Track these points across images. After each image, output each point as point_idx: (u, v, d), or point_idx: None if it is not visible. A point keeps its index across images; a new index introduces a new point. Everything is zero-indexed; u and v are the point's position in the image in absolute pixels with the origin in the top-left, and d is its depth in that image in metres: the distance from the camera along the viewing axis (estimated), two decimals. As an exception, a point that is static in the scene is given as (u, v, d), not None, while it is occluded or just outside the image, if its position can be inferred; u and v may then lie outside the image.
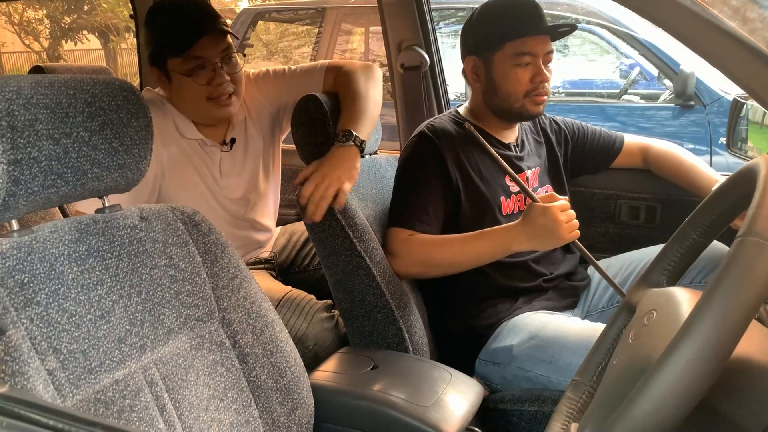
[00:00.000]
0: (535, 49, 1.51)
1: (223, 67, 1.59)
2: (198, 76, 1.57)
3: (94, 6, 12.93)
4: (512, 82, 1.54)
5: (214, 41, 1.57)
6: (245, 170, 1.76)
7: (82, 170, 0.86)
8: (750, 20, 1.08)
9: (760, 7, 1.12)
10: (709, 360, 0.50)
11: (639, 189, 1.89)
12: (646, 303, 0.76)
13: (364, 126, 1.46)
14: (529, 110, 1.56)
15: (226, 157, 1.71)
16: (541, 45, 1.51)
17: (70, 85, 0.85)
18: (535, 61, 1.51)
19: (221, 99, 1.60)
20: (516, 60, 1.52)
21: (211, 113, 1.62)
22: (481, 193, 1.53)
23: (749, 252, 0.52)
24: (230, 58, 1.61)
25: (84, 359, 0.82)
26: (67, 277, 0.84)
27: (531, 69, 1.52)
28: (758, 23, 1.07)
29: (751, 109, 1.85)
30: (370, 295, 1.38)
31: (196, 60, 1.56)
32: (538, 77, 1.52)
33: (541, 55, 1.52)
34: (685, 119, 3.53)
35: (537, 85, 1.52)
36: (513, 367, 1.43)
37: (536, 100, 1.54)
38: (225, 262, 1.06)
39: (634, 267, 1.64)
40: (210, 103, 1.60)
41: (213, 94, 1.59)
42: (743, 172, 0.68)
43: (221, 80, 1.58)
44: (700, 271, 1.50)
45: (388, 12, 2.06)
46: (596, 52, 4.43)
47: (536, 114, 1.58)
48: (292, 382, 1.09)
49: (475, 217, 1.53)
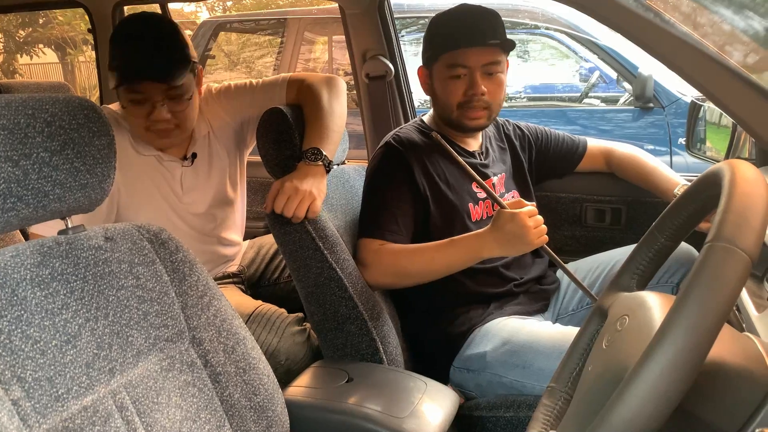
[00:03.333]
0: (469, 62, 1.51)
1: (165, 105, 1.53)
2: (135, 108, 1.53)
3: (49, 19, 12.66)
4: (447, 93, 1.55)
5: (157, 84, 1.50)
6: (210, 185, 1.73)
7: (43, 192, 0.83)
8: (701, 25, 1.11)
9: (711, 13, 1.15)
10: (684, 365, 0.50)
11: (604, 192, 1.92)
12: (618, 308, 0.77)
13: (331, 142, 1.45)
14: (464, 123, 1.56)
15: (188, 172, 1.69)
16: (476, 57, 1.50)
17: (29, 104, 0.82)
18: (470, 74, 1.52)
19: (159, 131, 1.56)
20: (450, 72, 1.53)
21: (152, 142, 1.60)
22: (449, 200, 1.54)
23: (718, 257, 0.53)
24: (180, 97, 1.55)
25: (50, 386, 0.80)
26: (31, 303, 0.81)
27: (464, 81, 1.53)
28: (708, 28, 1.11)
29: (708, 110, 1.89)
30: (342, 306, 1.37)
31: (135, 94, 1.51)
32: (470, 90, 1.52)
33: (477, 67, 1.51)
34: (644, 121, 3.61)
35: (470, 97, 1.53)
36: (487, 373, 1.44)
37: (468, 114, 1.54)
38: (193, 280, 1.04)
39: (602, 269, 1.66)
40: (149, 133, 1.56)
41: (152, 128, 1.55)
42: (707, 176, 0.69)
43: (159, 117, 1.53)
44: (666, 271, 1.53)
45: (351, 22, 2.07)
46: (556, 56, 4.50)
47: (473, 127, 1.57)
48: (266, 400, 1.07)
49: (444, 224, 1.53)
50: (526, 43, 4.68)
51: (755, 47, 1.02)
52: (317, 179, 1.37)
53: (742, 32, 1.04)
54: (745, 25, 1.05)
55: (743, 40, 1.03)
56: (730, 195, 0.57)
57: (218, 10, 13.76)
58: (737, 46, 1.02)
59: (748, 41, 1.03)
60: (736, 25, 1.04)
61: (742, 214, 0.55)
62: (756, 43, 1.02)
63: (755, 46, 1.03)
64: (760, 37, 1.02)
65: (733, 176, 0.60)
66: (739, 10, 1.08)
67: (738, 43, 1.02)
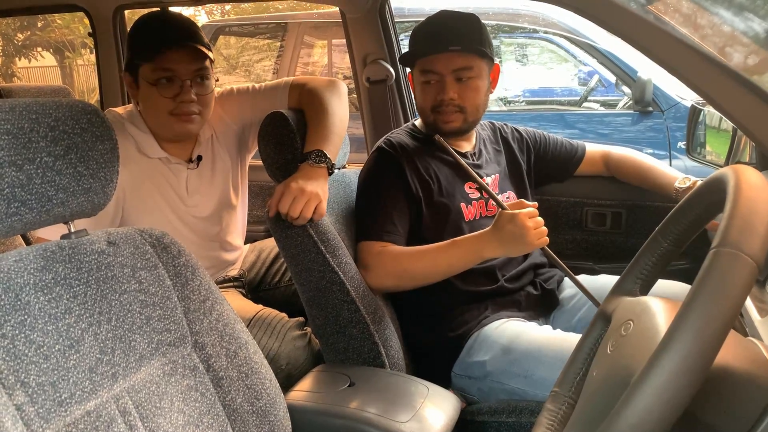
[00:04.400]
0: (437, 68, 1.54)
1: (193, 87, 1.56)
2: (163, 87, 1.55)
3: (48, 22, 12.66)
4: (421, 98, 1.60)
5: (187, 57, 1.54)
6: (213, 189, 1.73)
7: (46, 196, 0.83)
8: (701, 27, 1.11)
9: (710, 15, 1.15)
10: (691, 371, 0.50)
11: (604, 195, 1.92)
12: (622, 312, 0.77)
13: (333, 145, 1.45)
14: (440, 126, 1.59)
15: (193, 175, 1.69)
16: (445, 63, 1.53)
17: (32, 109, 0.82)
18: (440, 79, 1.54)
19: (182, 116, 1.57)
20: (423, 77, 1.57)
21: (171, 128, 1.60)
22: (442, 202, 1.55)
23: (724, 263, 0.53)
24: (203, 80, 1.59)
25: (53, 391, 0.79)
26: (34, 307, 0.81)
27: (435, 87, 1.56)
28: (708, 30, 1.11)
29: (708, 114, 1.90)
30: (344, 310, 1.37)
31: (165, 71, 1.54)
32: (439, 95, 1.55)
33: (448, 72, 1.53)
34: (643, 125, 3.62)
35: (440, 102, 1.55)
36: (489, 381, 1.44)
37: (442, 118, 1.57)
38: (196, 284, 1.04)
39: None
40: (172, 117, 1.57)
41: (176, 111, 1.56)
42: (711, 181, 0.69)
43: (187, 98, 1.56)
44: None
45: (352, 27, 2.07)
46: (555, 60, 4.51)
47: (448, 130, 1.59)
48: (269, 404, 1.07)
49: (437, 226, 1.54)
50: (525, 47, 4.69)
51: (755, 49, 1.02)
52: (320, 181, 1.37)
53: (742, 34, 1.05)
54: (745, 26, 1.05)
55: (743, 41, 1.03)
56: (735, 200, 0.57)
57: (216, 13, 13.76)
58: (737, 48, 1.02)
59: (749, 43, 1.03)
60: (736, 27, 1.04)
61: (747, 220, 0.55)
62: (756, 44, 1.02)
63: (755, 48, 1.03)
64: (760, 39, 1.02)
65: (738, 181, 0.60)
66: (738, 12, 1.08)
67: (738, 44, 1.03)
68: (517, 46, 4.71)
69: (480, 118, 1.65)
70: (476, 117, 1.62)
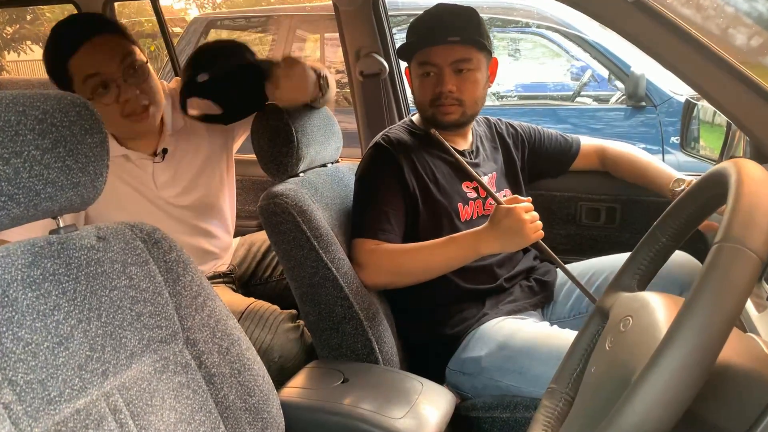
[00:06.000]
0: (436, 60, 1.53)
1: (128, 81, 1.48)
2: (102, 96, 1.46)
3: (37, 16, 12.54)
4: (420, 91, 1.59)
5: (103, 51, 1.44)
6: (188, 179, 1.71)
7: (34, 191, 0.81)
8: (703, 8, 1.11)
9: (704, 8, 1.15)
10: (694, 368, 0.49)
11: (599, 191, 1.91)
12: (621, 308, 0.76)
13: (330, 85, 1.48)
14: (438, 119, 1.58)
15: (160, 168, 1.65)
16: (443, 55, 1.52)
17: (19, 101, 0.80)
18: (439, 71, 1.54)
19: (135, 115, 1.51)
20: (421, 70, 1.56)
21: (132, 129, 1.55)
22: (438, 200, 1.54)
23: (727, 258, 0.52)
24: (134, 69, 1.50)
25: (42, 389, 0.78)
26: (22, 304, 0.80)
27: (434, 79, 1.55)
28: (711, 11, 1.11)
29: (702, 109, 1.90)
30: (338, 306, 1.36)
31: (94, 78, 1.45)
32: (437, 87, 1.54)
33: (446, 65, 1.52)
34: (635, 120, 3.62)
35: (438, 95, 1.54)
36: (483, 377, 1.43)
37: (440, 110, 1.56)
38: (187, 280, 1.03)
39: (599, 275, 1.63)
40: (126, 119, 1.51)
41: (125, 111, 1.50)
42: (711, 175, 0.69)
43: (128, 95, 1.48)
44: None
45: (345, 20, 2.05)
46: (548, 55, 4.50)
47: (447, 122, 1.58)
48: (262, 401, 1.06)
49: (433, 224, 1.53)
50: (517, 41, 4.68)
51: (758, 30, 1.02)
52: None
53: (738, 24, 1.04)
54: (746, 9, 1.05)
55: (746, 23, 1.03)
56: (737, 195, 0.57)
57: (208, 7, 13.67)
58: (740, 30, 1.02)
59: (751, 24, 1.02)
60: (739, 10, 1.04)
61: (750, 214, 0.54)
62: (759, 26, 1.01)
63: (758, 29, 1.02)
64: (763, 20, 1.01)
65: (740, 176, 0.59)
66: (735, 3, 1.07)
67: (736, 33, 1.02)
68: (509, 40, 4.70)
69: (478, 112, 1.64)
70: (474, 110, 1.61)
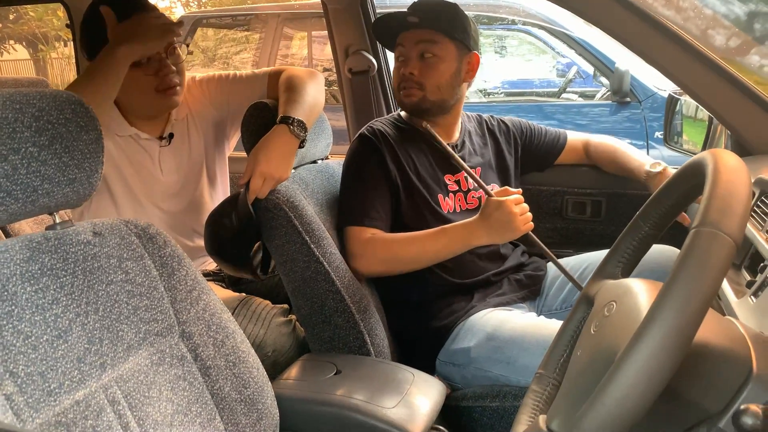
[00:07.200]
0: (404, 42, 1.60)
1: (168, 58, 1.58)
2: (146, 66, 1.55)
3: (20, 15, 12.42)
4: (393, 76, 1.66)
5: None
6: (188, 168, 1.73)
7: (31, 187, 0.83)
8: (683, 9, 1.14)
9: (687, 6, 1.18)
10: (673, 346, 0.52)
11: (584, 185, 1.95)
12: (605, 295, 0.79)
13: (302, 110, 1.46)
14: (403, 101, 1.64)
15: (166, 152, 1.69)
16: (410, 37, 1.59)
17: (16, 99, 0.82)
18: (406, 56, 1.60)
19: (168, 90, 1.59)
20: (396, 53, 1.64)
21: (159, 104, 1.61)
22: (419, 190, 1.57)
23: (704, 242, 0.55)
24: (173, 49, 1.61)
25: (42, 381, 0.80)
26: (21, 298, 0.81)
27: (402, 64, 1.61)
28: (691, 12, 1.14)
29: (684, 104, 1.93)
30: (330, 300, 1.38)
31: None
32: (401, 70, 1.61)
33: (412, 47, 1.58)
34: (620, 115, 3.66)
35: (401, 77, 1.61)
36: (472, 368, 1.45)
37: (404, 93, 1.62)
38: (182, 274, 1.04)
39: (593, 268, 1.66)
40: (158, 94, 1.58)
41: (160, 86, 1.58)
42: (690, 165, 0.71)
43: (168, 71, 1.57)
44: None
45: (334, 17, 2.07)
46: (533, 52, 4.54)
47: (408, 104, 1.63)
48: (256, 393, 1.07)
49: (415, 214, 1.56)
50: (503, 38, 4.71)
51: (736, 32, 1.05)
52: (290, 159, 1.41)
53: (720, 20, 1.07)
54: (725, 10, 1.08)
55: (724, 24, 1.06)
56: (714, 182, 0.59)
57: (193, 5, 13.59)
58: (719, 31, 1.05)
59: (729, 26, 1.05)
60: (717, 11, 1.07)
61: (726, 200, 0.57)
62: (737, 28, 1.05)
63: (736, 31, 1.05)
64: (741, 23, 1.04)
65: (717, 164, 0.62)
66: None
67: (720, 27, 1.05)
68: (496, 38, 4.73)
69: (445, 102, 1.63)
70: (438, 97, 1.60)
